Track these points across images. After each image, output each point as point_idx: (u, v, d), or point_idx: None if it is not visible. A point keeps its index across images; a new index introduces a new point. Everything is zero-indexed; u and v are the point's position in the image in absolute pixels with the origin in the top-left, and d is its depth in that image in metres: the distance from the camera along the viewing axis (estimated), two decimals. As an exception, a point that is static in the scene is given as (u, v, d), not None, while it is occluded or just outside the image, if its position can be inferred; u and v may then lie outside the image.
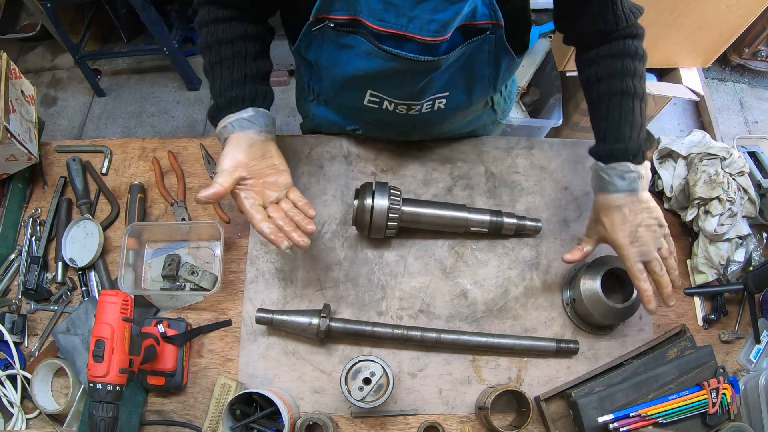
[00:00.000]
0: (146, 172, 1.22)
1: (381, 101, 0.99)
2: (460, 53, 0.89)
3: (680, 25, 1.91)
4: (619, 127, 0.92)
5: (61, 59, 3.00)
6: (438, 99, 1.00)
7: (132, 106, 2.84)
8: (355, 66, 0.90)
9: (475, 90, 1.01)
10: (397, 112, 1.01)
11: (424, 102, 0.99)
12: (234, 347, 1.06)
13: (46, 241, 1.14)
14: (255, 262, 1.12)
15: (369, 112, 1.03)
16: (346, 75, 0.94)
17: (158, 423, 1.01)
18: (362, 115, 1.10)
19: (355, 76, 0.93)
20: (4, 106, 1.05)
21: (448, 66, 0.91)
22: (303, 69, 1.10)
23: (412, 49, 0.85)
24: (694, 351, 1.01)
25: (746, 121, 2.80)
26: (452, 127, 1.17)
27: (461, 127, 1.20)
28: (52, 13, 2.37)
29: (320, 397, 1.03)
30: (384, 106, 0.99)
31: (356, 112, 1.09)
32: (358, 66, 0.90)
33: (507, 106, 1.26)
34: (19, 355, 1.04)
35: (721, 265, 1.08)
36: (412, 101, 0.98)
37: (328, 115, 1.18)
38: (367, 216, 1.03)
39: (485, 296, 1.10)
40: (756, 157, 1.19)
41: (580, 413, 0.94)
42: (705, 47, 2.04)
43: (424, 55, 0.85)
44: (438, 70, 0.90)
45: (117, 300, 0.84)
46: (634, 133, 0.92)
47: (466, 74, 0.96)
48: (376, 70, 0.89)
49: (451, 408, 1.03)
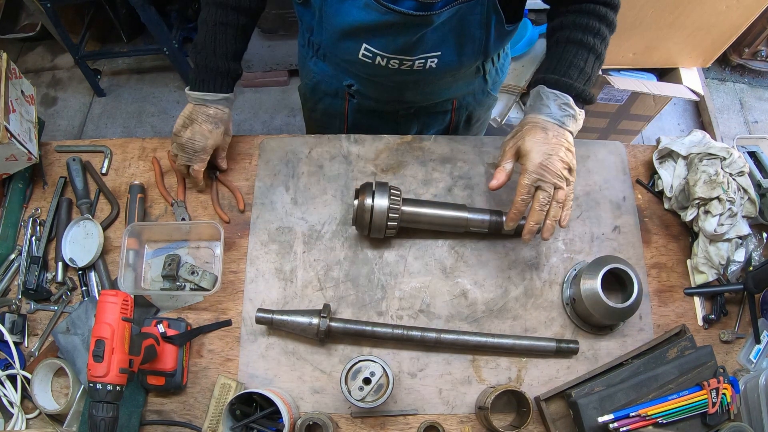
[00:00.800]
0: (146, 172, 1.22)
1: (374, 56, 1.03)
2: (453, 12, 0.94)
3: (680, 25, 1.91)
4: (569, 68, 0.96)
5: (61, 59, 3.00)
6: (430, 58, 1.04)
7: (132, 106, 2.84)
8: (354, 17, 0.96)
9: (465, 51, 1.05)
10: (389, 66, 1.05)
11: (416, 59, 1.03)
12: (234, 347, 1.06)
13: (46, 241, 1.14)
14: (255, 262, 1.12)
15: (363, 66, 1.08)
16: (345, 25, 0.99)
17: (158, 423, 1.01)
18: (357, 69, 1.13)
19: (353, 27, 0.98)
20: (4, 106, 1.05)
21: (440, 24, 0.95)
22: (305, 25, 1.15)
23: (409, 5, 0.91)
24: (694, 351, 1.01)
25: (746, 121, 2.80)
26: (443, 89, 1.20)
27: (453, 91, 1.22)
28: (52, 13, 2.37)
29: (320, 397, 1.03)
30: (377, 61, 1.04)
31: (352, 65, 1.12)
32: (356, 17, 0.95)
33: (498, 78, 1.29)
34: (19, 355, 1.04)
35: (721, 265, 1.08)
36: (404, 56, 1.02)
37: (325, 70, 1.21)
38: (367, 216, 1.03)
39: (485, 296, 1.10)
40: (756, 157, 1.19)
41: (580, 413, 0.94)
42: (705, 47, 2.05)
43: (418, 11, 0.91)
44: (430, 26, 0.95)
45: (117, 300, 0.84)
46: (581, 78, 0.95)
47: (457, 35, 1.00)
48: (373, 23, 0.95)
49: (451, 408, 1.03)
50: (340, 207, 1.17)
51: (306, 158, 1.22)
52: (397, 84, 1.14)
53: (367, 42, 1.01)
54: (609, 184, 1.20)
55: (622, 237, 1.15)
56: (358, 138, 1.23)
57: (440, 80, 1.14)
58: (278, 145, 1.23)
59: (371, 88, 1.19)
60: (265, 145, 1.24)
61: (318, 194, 1.18)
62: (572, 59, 0.96)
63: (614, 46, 1.92)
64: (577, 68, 0.95)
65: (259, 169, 1.21)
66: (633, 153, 1.25)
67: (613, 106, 2.19)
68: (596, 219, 1.17)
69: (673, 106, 2.75)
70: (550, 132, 0.94)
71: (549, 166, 0.92)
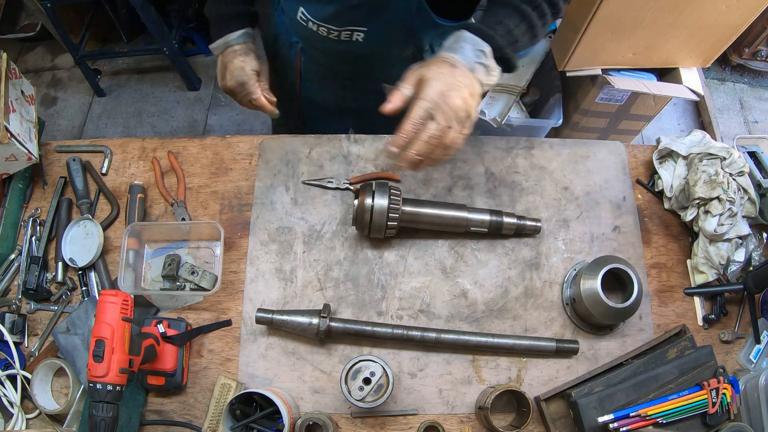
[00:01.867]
0: (146, 172, 1.22)
1: (307, 21, 1.08)
2: None
3: (680, 25, 1.90)
4: (497, 24, 0.92)
5: (61, 59, 3.00)
6: (356, 31, 1.07)
7: (132, 106, 2.84)
8: None
9: (391, 33, 1.08)
10: (319, 33, 1.09)
11: (342, 30, 1.06)
12: (234, 347, 1.06)
13: (46, 241, 1.14)
14: (255, 262, 1.12)
15: (301, 28, 1.12)
16: None
17: (158, 423, 1.01)
18: (298, 29, 1.17)
19: None
20: (4, 106, 1.05)
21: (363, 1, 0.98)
22: None
23: None
24: (694, 351, 1.01)
25: (746, 121, 2.80)
26: (377, 69, 1.19)
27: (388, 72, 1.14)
28: (52, 13, 2.37)
29: (320, 397, 1.03)
30: (310, 26, 1.09)
31: (294, 23, 1.16)
32: None
33: None
34: (19, 355, 1.04)
35: (721, 265, 1.08)
36: (331, 26, 1.06)
37: (282, 24, 1.24)
38: (367, 216, 1.03)
39: (485, 296, 1.10)
40: (756, 157, 1.19)
41: (580, 413, 0.94)
42: (705, 47, 2.04)
43: None
44: None
45: (117, 300, 0.84)
46: (506, 38, 0.92)
47: (380, 15, 1.03)
48: None
49: (451, 408, 1.03)
50: (340, 207, 1.17)
51: (306, 158, 1.22)
52: (331, 52, 1.17)
53: (303, 5, 1.06)
54: (609, 184, 1.20)
55: (622, 237, 1.15)
56: (358, 138, 1.24)
57: (371, 58, 1.17)
58: (278, 145, 1.23)
59: (312, 50, 1.22)
60: (265, 145, 1.24)
61: (318, 194, 1.18)
62: (503, 19, 0.93)
63: (614, 46, 1.93)
64: (504, 27, 0.92)
65: (259, 169, 1.21)
66: (633, 153, 1.25)
67: (613, 106, 2.19)
68: (596, 219, 1.17)
69: (673, 106, 2.75)
70: (457, 71, 0.87)
71: (447, 98, 0.84)
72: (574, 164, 1.22)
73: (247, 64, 1.11)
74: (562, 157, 1.22)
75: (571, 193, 1.19)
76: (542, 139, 1.26)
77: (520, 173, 1.21)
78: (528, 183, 1.20)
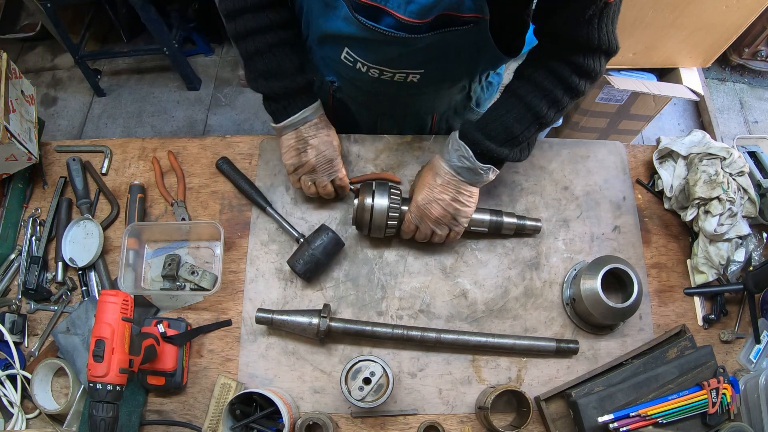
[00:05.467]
0: (146, 172, 1.22)
1: (355, 61, 1.02)
2: (438, 38, 0.91)
3: (680, 25, 1.91)
4: (493, 122, 0.96)
5: (61, 59, 3.00)
6: (411, 73, 1.02)
7: (132, 106, 2.84)
8: (335, 26, 0.96)
9: (449, 73, 1.06)
10: (369, 74, 1.04)
11: (397, 72, 1.02)
12: (234, 347, 1.06)
13: (46, 241, 1.14)
14: (255, 262, 1.12)
15: (344, 68, 1.07)
16: (327, 30, 0.99)
17: (158, 423, 1.01)
18: (338, 69, 1.12)
19: (335, 34, 0.98)
20: (4, 106, 1.05)
21: (425, 46, 0.92)
22: None
23: (389, 23, 0.89)
24: (694, 351, 1.01)
25: (746, 121, 2.80)
26: (423, 102, 1.18)
27: (433, 104, 1.20)
28: (52, 13, 2.37)
29: (320, 397, 1.03)
30: (357, 66, 1.03)
31: (334, 63, 1.11)
32: (337, 26, 0.95)
33: (483, 95, 1.27)
34: (19, 355, 1.04)
35: (721, 265, 1.08)
36: (385, 68, 1.01)
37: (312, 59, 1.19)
38: (367, 215, 1.03)
39: (485, 296, 1.10)
40: (756, 157, 1.19)
41: (580, 413, 0.94)
42: (705, 47, 2.05)
43: (398, 31, 0.89)
44: (412, 47, 0.93)
45: (117, 300, 0.84)
46: (502, 136, 0.95)
47: (442, 57, 0.98)
48: (352, 35, 0.95)
49: (451, 408, 1.03)
50: (340, 207, 1.17)
51: (306, 158, 1.22)
52: (376, 91, 1.12)
53: (349, 47, 1.00)
54: (609, 184, 1.20)
55: (622, 237, 1.15)
56: (358, 138, 1.23)
57: (420, 96, 1.13)
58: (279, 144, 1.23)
59: (351, 88, 1.17)
60: (266, 145, 1.24)
61: (318, 194, 1.18)
62: (503, 114, 0.95)
63: (614, 46, 1.93)
64: (502, 125, 0.94)
65: (259, 169, 1.21)
66: (633, 153, 1.25)
67: (613, 106, 2.19)
68: (596, 219, 1.17)
69: (673, 106, 2.75)
70: (439, 179, 0.99)
71: (426, 211, 1.00)
72: (574, 164, 1.22)
73: (333, 138, 1.07)
74: (562, 157, 1.22)
75: (571, 193, 1.19)
76: (542, 139, 1.26)
77: (519, 173, 1.21)
78: (528, 183, 1.20)
